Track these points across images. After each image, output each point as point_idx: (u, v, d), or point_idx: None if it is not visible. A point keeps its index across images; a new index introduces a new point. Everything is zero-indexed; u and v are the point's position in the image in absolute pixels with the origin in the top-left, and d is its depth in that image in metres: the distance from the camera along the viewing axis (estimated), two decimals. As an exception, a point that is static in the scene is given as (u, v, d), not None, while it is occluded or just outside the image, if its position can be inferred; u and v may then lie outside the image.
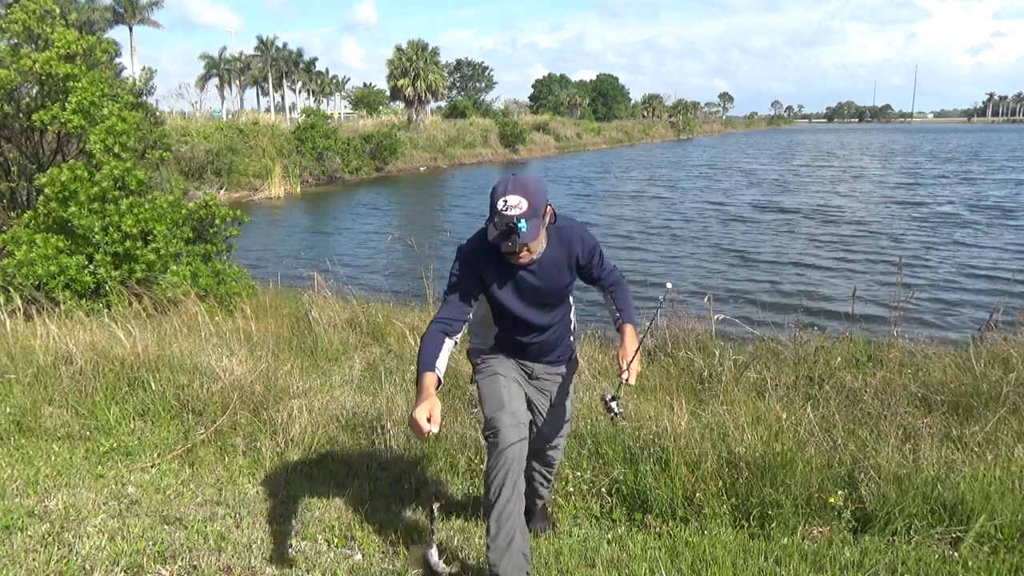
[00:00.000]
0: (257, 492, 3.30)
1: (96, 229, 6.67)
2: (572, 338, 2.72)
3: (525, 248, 2.27)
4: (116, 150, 7.13)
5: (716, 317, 5.58)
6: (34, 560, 2.63)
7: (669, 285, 2.60)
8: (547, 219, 2.35)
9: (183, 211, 7.40)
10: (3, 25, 8.06)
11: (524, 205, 2.20)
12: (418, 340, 5.28)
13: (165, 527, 2.92)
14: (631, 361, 2.34)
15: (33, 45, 8.04)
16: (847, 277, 11.78)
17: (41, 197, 6.89)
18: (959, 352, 4.95)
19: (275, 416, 3.83)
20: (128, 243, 6.75)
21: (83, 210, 6.69)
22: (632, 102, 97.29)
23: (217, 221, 7.67)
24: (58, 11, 8.39)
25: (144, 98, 19.70)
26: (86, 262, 6.72)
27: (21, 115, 7.99)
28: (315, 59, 68.47)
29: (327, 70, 72.13)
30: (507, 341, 2.57)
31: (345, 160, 30.68)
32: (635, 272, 11.82)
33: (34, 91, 8.04)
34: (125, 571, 2.60)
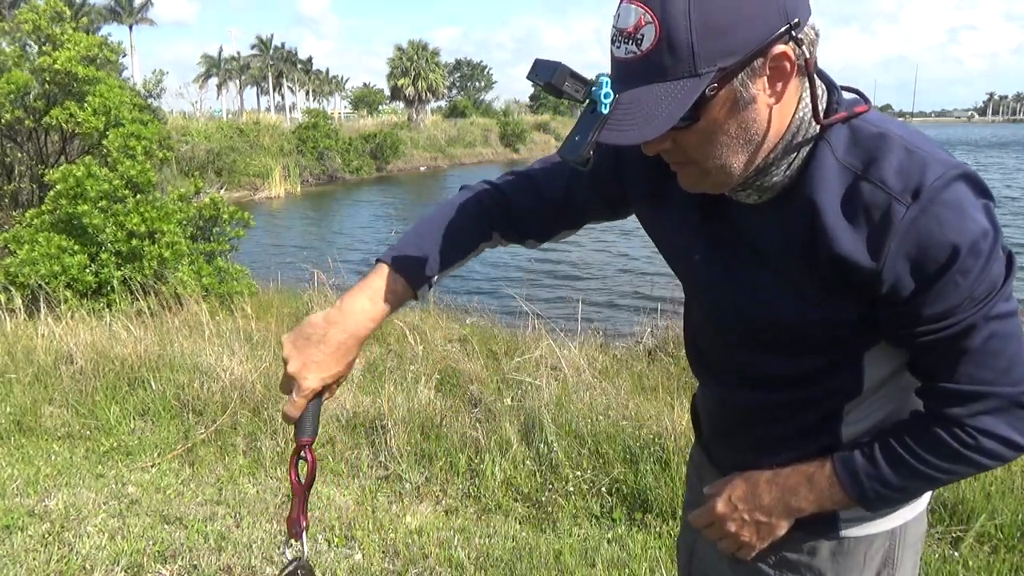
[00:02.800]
0: (257, 492, 3.30)
1: (106, 228, 6.68)
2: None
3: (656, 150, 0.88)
4: (134, 152, 7.16)
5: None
6: (34, 559, 2.64)
7: None
8: (780, 98, 0.83)
9: (191, 210, 7.42)
10: (15, 25, 8.08)
11: (649, 35, 0.77)
12: (419, 340, 5.29)
13: (165, 527, 2.92)
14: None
15: (40, 46, 8.05)
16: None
17: (50, 194, 6.90)
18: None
19: (275, 415, 3.83)
20: (135, 241, 6.76)
21: (93, 208, 6.71)
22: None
23: (225, 217, 7.68)
24: (69, 13, 8.42)
25: (153, 101, 19.77)
26: (88, 261, 6.72)
27: (29, 116, 8.00)
28: (311, 58, 68.58)
29: (327, 70, 72.19)
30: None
31: (346, 160, 30.68)
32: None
33: (35, 91, 8.05)
34: (125, 571, 2.60)
